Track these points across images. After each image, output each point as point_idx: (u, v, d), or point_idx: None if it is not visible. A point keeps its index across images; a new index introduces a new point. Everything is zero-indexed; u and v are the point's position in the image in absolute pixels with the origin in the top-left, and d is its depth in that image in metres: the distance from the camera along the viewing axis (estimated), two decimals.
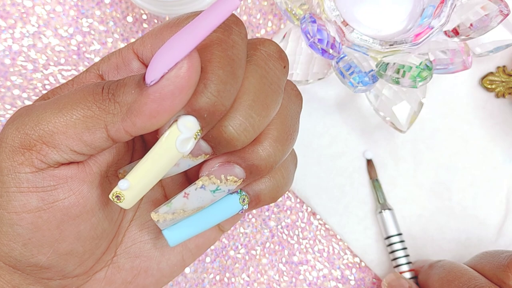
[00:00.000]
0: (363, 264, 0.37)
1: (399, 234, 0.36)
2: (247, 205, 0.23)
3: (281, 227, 0.38)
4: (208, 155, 0.22)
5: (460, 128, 0.37)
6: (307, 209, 0.38)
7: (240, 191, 0.23)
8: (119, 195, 0.20)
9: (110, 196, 0.20)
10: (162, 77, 0.19)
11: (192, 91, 0.19)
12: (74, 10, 0.37)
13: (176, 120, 0.20)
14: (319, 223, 0.38)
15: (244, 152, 0.22)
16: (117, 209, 0.24)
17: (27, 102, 0.36)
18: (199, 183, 0.22)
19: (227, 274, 0.37)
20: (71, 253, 0.23)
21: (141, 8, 0.35)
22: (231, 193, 0.23)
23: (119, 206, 0.21)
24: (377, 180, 0.37)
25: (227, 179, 0.22)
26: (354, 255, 0.37)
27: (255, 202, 0.24)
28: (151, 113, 0.19)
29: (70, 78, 0.37)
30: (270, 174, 0.23)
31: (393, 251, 0.36)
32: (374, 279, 0.37)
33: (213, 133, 0.21)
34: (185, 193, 0.22)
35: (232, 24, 0.21)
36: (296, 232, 0.38)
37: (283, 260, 0.37)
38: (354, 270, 0.37)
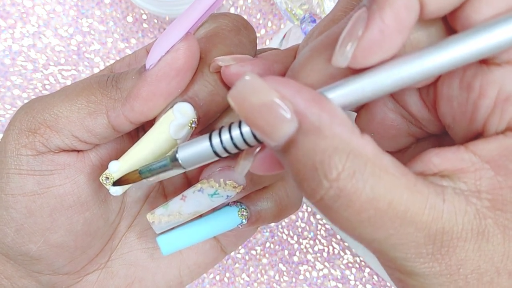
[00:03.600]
0: (363, 264, 0.37)
1: None
2: (246, 219, 0.23)
3: (281, 227, 0.38)
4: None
5: None
6: (307, 209, 0.38)
7: (240, 204, 0.23)
8: (109, 177, 0.20)
9: (100, 179, 0.20)
10: (159, 60, 0.19)
11: (189, 75, 0.19)
12: (74, 10, 0.37)
13: (172, 107, 0.20)
14: (319, 223, 0.38)
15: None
16: (115, 210, 0.24)
17: None
18: (197, 186, 0.22)
19: (227, 274, 0.37)
20: (62, 246, 0.22)
21: (141, 8, 0.35)
22: (230, 205, 0.23)
23: (107, 190, 0.21)
24: None
25: (226, 184, 0.22)
26: (354, 255, 0.37)
27: (255, 218, 0.23)
28: (148, 96, 0.19)
29: (70, 78, 0.37)
30: (274, 191, 0.23)
31: None
32: (374, 279, 0.37)
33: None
34: (182, 195, 0.22)
35: (241, 26, 0.21)
36: (296, 232, 0.38)
37: (283, 260, 0.37)
38: (354, 270, 0.37)
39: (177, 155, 0.18)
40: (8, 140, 0.21)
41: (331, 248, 0.37)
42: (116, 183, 0.20)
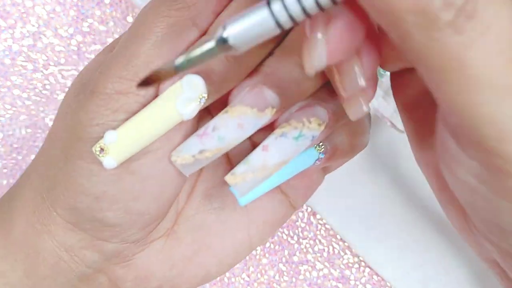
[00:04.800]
0: (363, 264, 0.37)
1: None
2: (323, 153, 0.20)
3: (281, 227, 0.38)
4: (275, 109, 0.19)
5: None
6: (307, 209, 0.38)
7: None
8: (103, 148, 0.19)
9: (93, 148, 0.19)
10: None
11: None
12: (74, 10, 0.37)
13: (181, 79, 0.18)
14: (319, 223, 0.38)
15: (322, 93, 0.19)
16: None
17: (27, 102, 0.36)
18: (278, 131, 0.19)
19: (227, 274, 0.37)
20: (143, 214, 0.21)
21: (141, 8, 0.35)
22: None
23: (100, 162, 0.19)
24: None
25: (310, 122, 0.19)
26: (354, 255, 0.37)
27: (332, 151, 0.21)
28: None
29: (70, 78, 0.37)
30: (346, 124, 0.21)
31: None
32: (374, 279, 0.37)
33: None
34: (263, 145, 0.19)
35: None
36: (296, 232, 0.38)
37: (283, 260, 0.37)
38: (354, 270, 0.37)
39: (225, 34, 0.14)
40: (91, 109, 0.19)
41: (331, 248, 0.37)
42: (143, 83, 0.17)
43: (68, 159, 0.20)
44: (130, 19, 0.37)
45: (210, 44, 0.15)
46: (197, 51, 0.15)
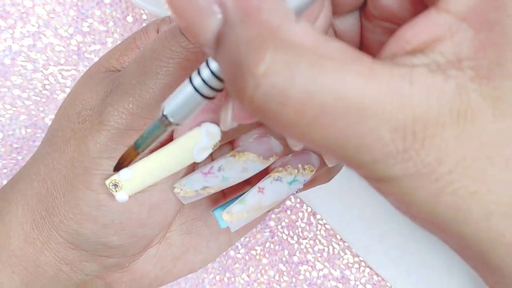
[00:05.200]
0: (363, 264, 0.37)
1: None
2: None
3: (281, 227, 0.38)
4: (278, 156, 0.21)
5: None
6: (307, 209, 0.38)
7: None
8: (117, 184, 0.19)
9: (106, 182, 0.19)
10: None
11: None
12: (74, 10, 0.37)
13: (198, 125, 0.19)
14: (319, 223, 0.38)
15: None
16: None
17: (27, 102, 0.36)
18: (274, 175, 0.20)
19: (227, 274, 0.37)
20: (146, 237, 0.22)
21: (141, 8, 0.35)
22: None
23: (113, 196, 0.20)
24: None
25: (304, 169, 0.21)
26: (354, 255, 0.37)
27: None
28: None
29: (70, 78, 0.37)
30: None
31: None
32: (374, 279, 0.37)
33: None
34: (259, 187, 0.20)
35: None
36: (296, 232, 0.38)
37: (283, 260, 0.37)
38: (354, 270, 0.37)
39: (164, 112, 0.16)
40: (100, 140, 0.20)
41: (331, 248, 0.37)
42: (117, 167, 0.19)
43: (73, 187, 0.21)
44: (130, 19, 0.37)
45: (155, 123, 0.16)
46: (146, 131, 0.17)
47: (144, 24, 0.37)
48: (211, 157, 0.23)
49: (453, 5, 0.13)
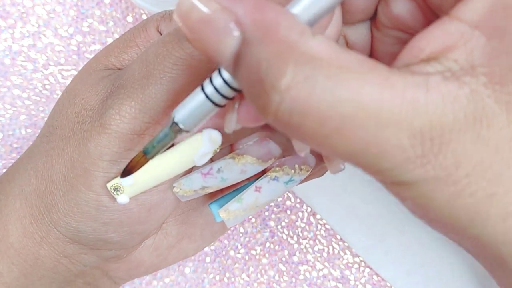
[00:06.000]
0: (363, 264, 0.37)
1: None
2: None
3: (281, 227, 0.38)
4: (277, 158, 0.21)
5: None
6: (307, 209, 0.38)
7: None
8: (118, 188, 0.20)
9: (108, 186, 0.20)
10: None
11: None
12: (74, 10, 0.37)
13: (200, 131, 0.19)
14: (319, 223, 0.38)
15: None
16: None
17: (27, 102, 0.36)
18: (271, 174, 0.21)
19: (227, 274, 0.37)
20: (145, 233, 0.23)
21: (141, 8, 0.35)
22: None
23: (114, 198, 0.21)
24: None
25: (301, 169, 0.21)
26: (354, 255, 0.37)
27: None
28: None
29: (70, 78, 0.37)
30: None
31: None
32: (374, 279, 0.37)
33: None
34: (256, 186, 0.21)
35: None
36: (296, 232, 0.38)
37: (283, 260, 0.37)
38: (354, 270, 0.37)
39: (175, 119, 0.16)
40: (104, 144, 0.20)
41: (331, 248, 0.37)
42: (125, 173, 0.19)
43: (73, 187, 0.21)
44: (130, 19, 0.37)
45: (165, 131, 0.17)
46: (158, 138, 0.17)
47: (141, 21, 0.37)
48: (211, 158, 0.23)
49: (465, 14, 0.13)
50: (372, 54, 0.19)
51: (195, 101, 0.16)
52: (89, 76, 0.22)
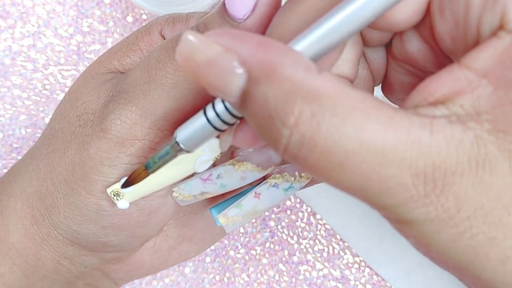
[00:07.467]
0: (363, 264, 0.37)
1: None
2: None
3: (281, 227, 0.38)
4: (276, 165, 0.21)
5: None
6: (307, 209, 0.38)
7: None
8: (118, 193, 0.20)
9: (108, 191, 0.20)
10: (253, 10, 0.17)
11: None
12: (74, 10, 0.37)
13: None
14: (319, 223, 0.38)
15: None
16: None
17: (27, 102, 0.36)
18: (271, 181, 0.21)
19: (227, 274, 0.37)
20: (145, 236, 0.23)
21: (141, 8, 0.35)
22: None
23: (114, 203, 0.21)
24: None
25: (301, 176, 0.21)
26: (354, 255, 0.37)
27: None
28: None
29: (70, 78, 0.37)
30: None
31: None
32: (374, 279, 0.37)
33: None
34: (255, 193, 0.21)
35: None
36: (296, 232, 0.38)
37: (283, 260, 0.37)
38: (354, 270, 0.37)
39: (177, 139, 0.17)
40: (105, 149, 0.20)
41: (331, 248, 0.37)
42: (125, 184, 0.19)
43: (73, 190, 0.21)
44: (130, 19, 0.37)
45: (167, 148, 0.17)
46: (160, 154, 0.18)
47: (144, 24, 0.37)
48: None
49: (474, 63, 0.14)
50: (386, 75, 0.20)
51: (197, 124, 0.16)
52: (91, 79, 0.22)
